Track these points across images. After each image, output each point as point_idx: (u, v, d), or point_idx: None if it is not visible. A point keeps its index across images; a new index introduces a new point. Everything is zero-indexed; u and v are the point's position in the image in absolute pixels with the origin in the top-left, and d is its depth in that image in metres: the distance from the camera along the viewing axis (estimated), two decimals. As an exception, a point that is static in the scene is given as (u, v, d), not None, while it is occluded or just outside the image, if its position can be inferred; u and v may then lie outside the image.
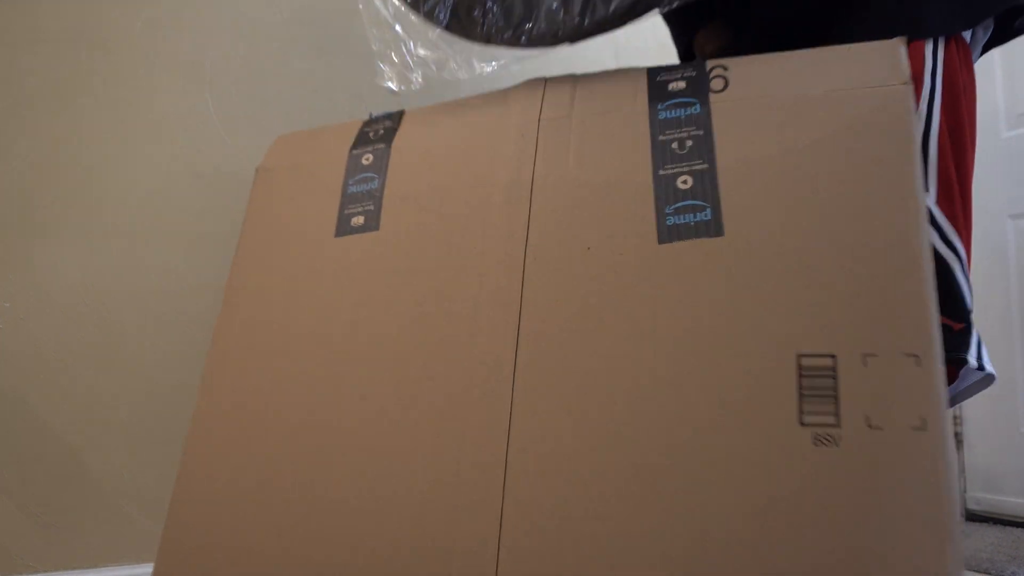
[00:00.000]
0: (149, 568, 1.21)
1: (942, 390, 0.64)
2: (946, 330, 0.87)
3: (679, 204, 0.77)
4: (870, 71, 0.77)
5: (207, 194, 1.30)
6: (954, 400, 0.92)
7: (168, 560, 0.92)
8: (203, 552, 0.91)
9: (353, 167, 1.04)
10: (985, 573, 1.39)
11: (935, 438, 0.62)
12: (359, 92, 1.43)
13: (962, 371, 0.92)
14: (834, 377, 0.66)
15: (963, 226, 0.91)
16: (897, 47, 0.78)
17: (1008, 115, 1.85)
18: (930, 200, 0.89)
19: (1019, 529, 1.78)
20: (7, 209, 1.19)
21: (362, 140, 1.08)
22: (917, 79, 0.89)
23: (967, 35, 0.96)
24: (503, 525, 0.72)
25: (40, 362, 1.19)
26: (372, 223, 0.96)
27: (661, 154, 0.80)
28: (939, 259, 0.89)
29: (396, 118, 1.08)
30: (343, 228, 0.99)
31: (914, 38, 0.90)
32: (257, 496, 0.91)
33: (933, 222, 0.89)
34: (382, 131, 1.07)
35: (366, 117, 1.52)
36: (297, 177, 1.08)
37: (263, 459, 0.90)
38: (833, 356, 0.67)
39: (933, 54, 0.92)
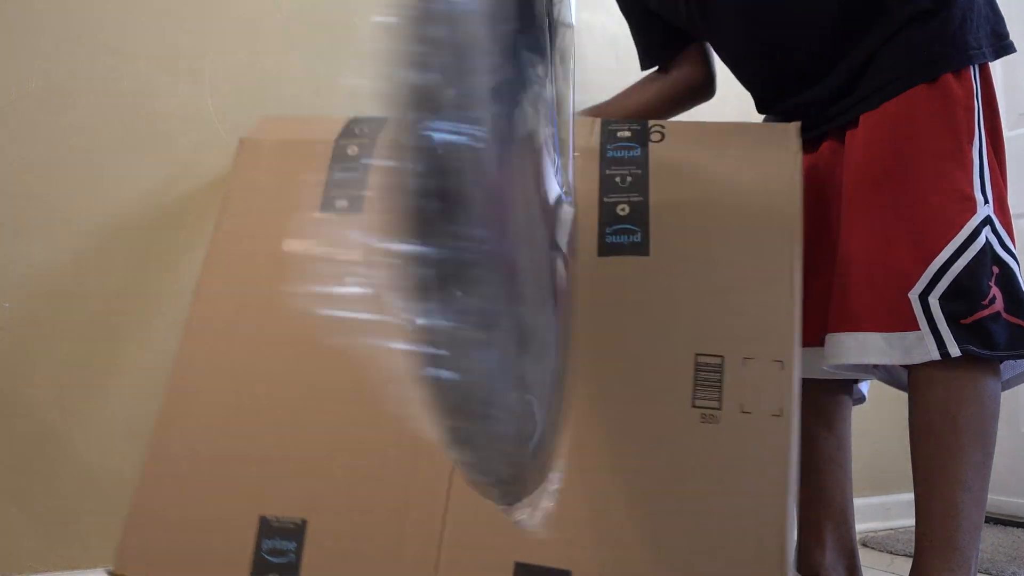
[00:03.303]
0: (149, 568, 1.20)
1: (797, 387, 0.88)
2: (1013, 328, 0.91)
3: (616, 227, 0.97)
4: (772, 142, 1.01)
5: (207, 194, 1.30)
6: (1005, 385, 0.99)
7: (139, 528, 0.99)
8: (173, 524, 0.98)
9: (339, 155, 1.12)
10: (985, 573, 1.39)
11: (788, 423, 0.87)
12: (359, 92, 1.43)
13: (1005, 362, 0.96)
14: (720, 372, 0.89)
15: (1012, 231, 0.97)
16: (792, 128, 1.01)
17: (1008, 115, 1.85)
18: (989, 210, 0.94)
19: (1019, 529, 1.78)
20: (7, 209, 1.19)
21: (348, 133, 1.15)
22: (968, 102, 0.96)
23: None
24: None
25: (40, 362, 1.19)
26: (356, 207, 1.06)
27: (607, 185, 1.00)
28: (1004, 265, 0.93)
29: (381, 122, 1.15)
30: (327, 207, 1.07)
31: (962, 64, 0.97)
32: (233, 446, 0.99)
33: (994, 231, 0.94)
34: (367, 128, 1.15)
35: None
36: (283, 153, 1.15)
37: (239, 415, 1.00)
38: (721, 356, 0.90)
39: (974, 79, 0.98)
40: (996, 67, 1.02)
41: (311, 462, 0.95)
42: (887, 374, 1.06)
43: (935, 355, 0.90)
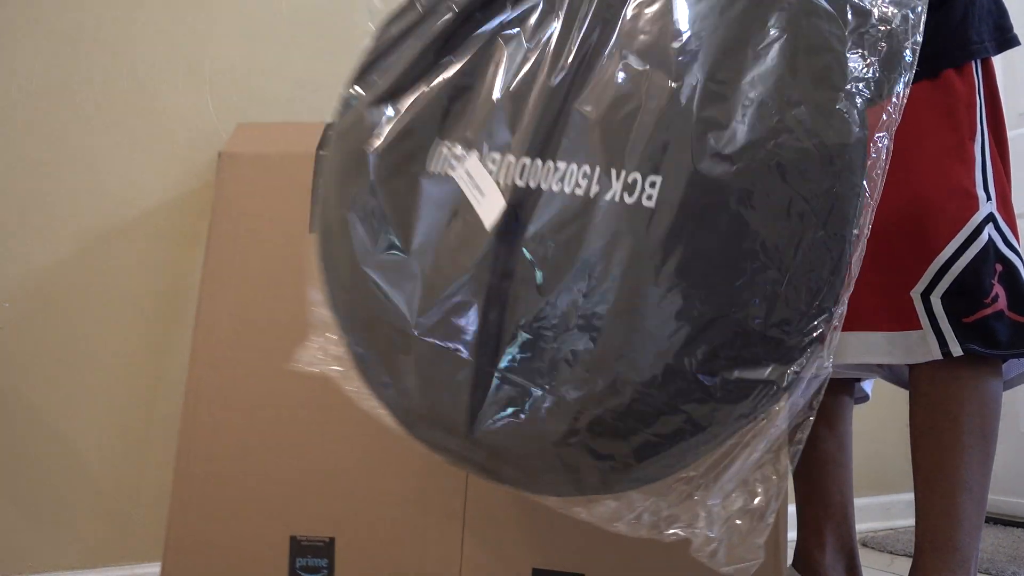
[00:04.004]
0: (149, 568, 1.21)
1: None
2: (1016, 326, 0.90)
3: None
4: None
5: (206, 194, 1.30)
6: (1009, 384, 0.98)
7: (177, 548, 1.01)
8: (208, 541, 1.00)
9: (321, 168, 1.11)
10: (985, 573, 1.39)
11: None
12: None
13: (1010, 361, 0.96)
14: None
15: (1015, 228, 0.95)
16: None
17: (1008, 115, 1.85)
18: (991, 207, 0.93)
19: (1019, 529, 1.78)
20: (7, 209, 1.19)
21: (327, 143, 1.14)
22: (970, 98, 0.95)
23: None
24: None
25: (40, 362, 1.19)
26: None
27: None
28: (1007, 262, 0.92)
29: None
30: (316, 225, 1.06)
31: (964, 60, 0.96)
32: (249, 469, 1.01)
33: (997, 228, 0.93)
34: None
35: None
36: (264, 168, 1.14)
37: (257, 439, 1.02)
38: None
39: (976, 74, 0.97)
40: (995, 67, 1.02)
41: (332, 482, 0.98)
42: (890, 373, 1.05)
43: (937, 354, 0.90)
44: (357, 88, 0.79)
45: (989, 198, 0.93)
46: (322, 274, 0.77)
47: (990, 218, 0.92)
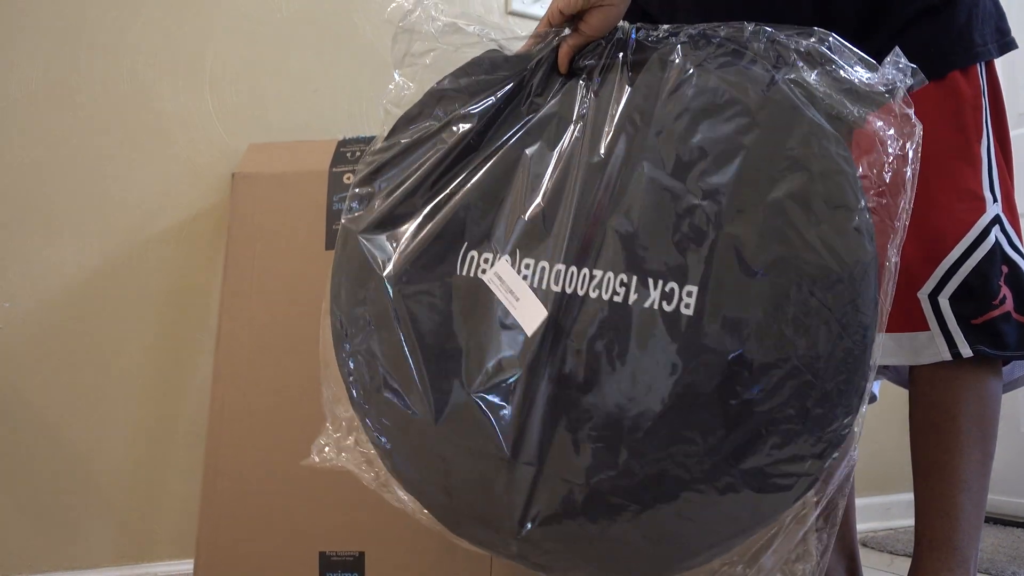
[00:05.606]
0: (149, 568, 1.21)
1: None
2: (1021, 327, 0.91)
3: None
4: None
5: (207, 194, 1.30)
6: (1011, 386, 0.99)
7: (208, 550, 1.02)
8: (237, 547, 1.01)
9: (335, 184, 1.12)
10: (985, 573, 1.39)
11: None
12: (359, 92, 1.43)
13: (1011, 363, 0.96)
14: None
15: (1019, 229, 0.96)
16: None
17: (1009, 115, 1.84)
18: (997, 208, 0.93)
19: (1019, 529, 1.78)
20: (7, 209, 1.19)
21: (340, 159, 1.15)
22: (976, 100, 0.95)
23: None
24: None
25: (40, 362, 1.19)
26: None
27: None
28: (1013, 264, 0.92)
29: (369, 143, 1.17)
30: (332, 242, 1.06)
31: (969, 62, 0.96)
32: (276, 487, 1.01)
33: (1003, 230, 0.93)
34: (358, 153, 1.14)
35: (368, 116, 1.52)
36: (279, 187, 1.14)
37: (282, 455, 1.02)
38: None
39: (981, 76, 0.97)
40: (996, 65, 1.02)
41: (360, 496, 0.97)
42: (895, 374, 1.05)
43: (946, 355, 0.90)
44: (373, 187, 0.80)
45: (995, 200, 0.93)
46: (345, 368, 0.77)
47: (996, 220, 0.92)
